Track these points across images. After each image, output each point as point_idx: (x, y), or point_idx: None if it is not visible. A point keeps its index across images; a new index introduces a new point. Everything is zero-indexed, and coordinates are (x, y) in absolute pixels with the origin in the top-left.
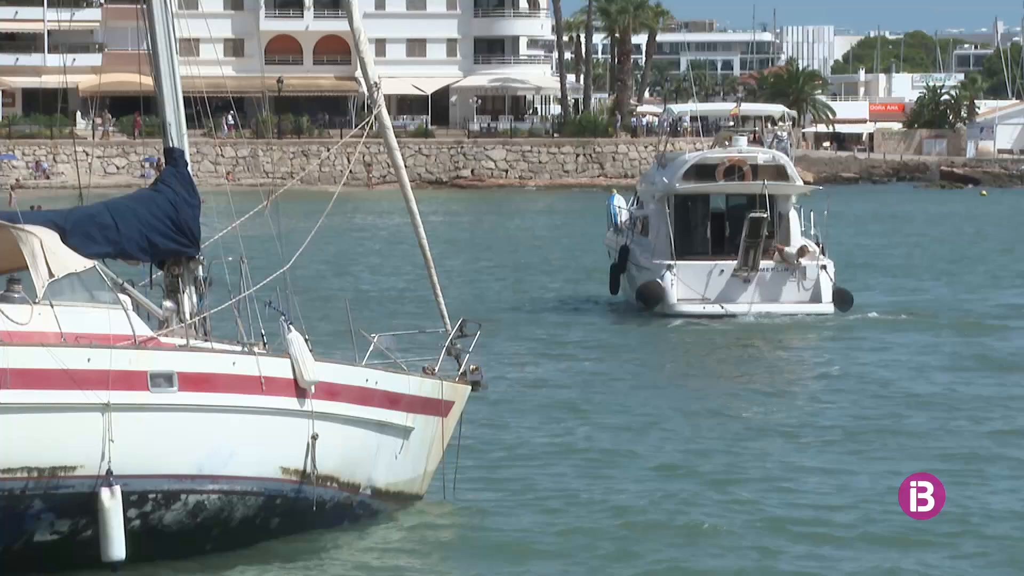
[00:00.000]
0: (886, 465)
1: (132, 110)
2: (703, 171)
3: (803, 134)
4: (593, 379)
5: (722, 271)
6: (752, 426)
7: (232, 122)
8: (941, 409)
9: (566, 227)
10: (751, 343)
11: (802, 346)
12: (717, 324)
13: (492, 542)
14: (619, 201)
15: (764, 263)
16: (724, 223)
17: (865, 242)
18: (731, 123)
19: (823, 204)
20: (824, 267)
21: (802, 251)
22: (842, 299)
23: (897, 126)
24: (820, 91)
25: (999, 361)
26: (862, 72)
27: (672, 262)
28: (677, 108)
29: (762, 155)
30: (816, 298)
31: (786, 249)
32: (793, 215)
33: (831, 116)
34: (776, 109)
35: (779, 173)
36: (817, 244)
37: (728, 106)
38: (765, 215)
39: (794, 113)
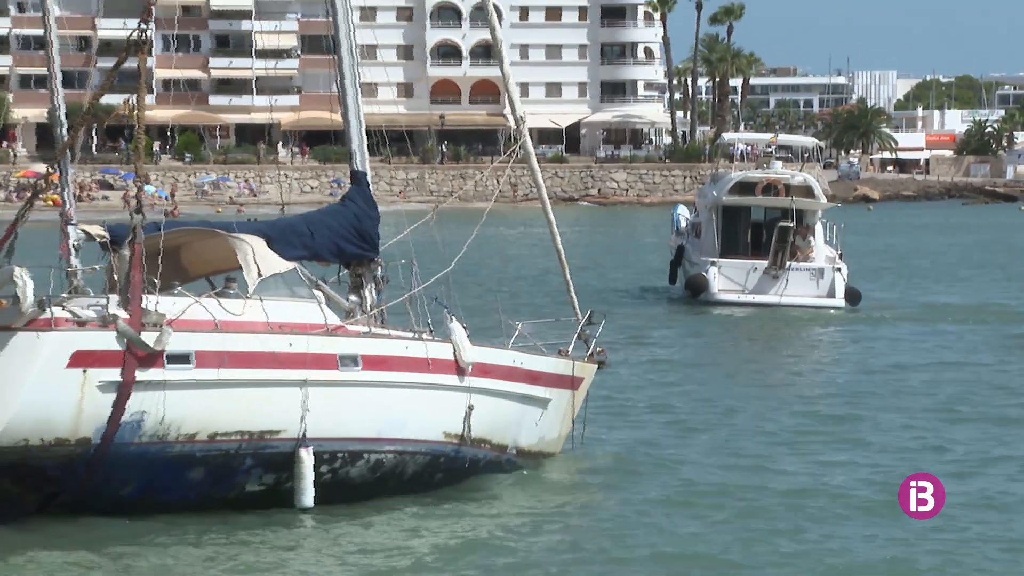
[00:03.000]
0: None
1: (323, 141)
2: (745, 187)
3: (871, 160)
4: (646, 356)
5: (756, 268)
6: (768, 405)
7: (445, 151)
8: (934, 388)
9: (665, 236)
10: (775, 328)
11: (817, 333)
12: (750, 311)
13: (616, 483)
14: (682, 211)
15: (789, 263)
16: (762, 230)
17: (908, 247)
18: (770, 149)
19: (846, 217)
20: (839, 269)
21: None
22: (852, 296)
23: (949, 153)
24: (885, 125)
25: (994, 349)
26: (920, 109)
27: (715, 259)
28: (728, 136)
29: (795, 176)
30: (831, 294)
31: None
32: (819, 227)
33: (894, 145)
34: (808, 141)
35: (807, 192)
36: (836, 251)
37: (769, 135)
38: (791, 224)
39: (823, 144)
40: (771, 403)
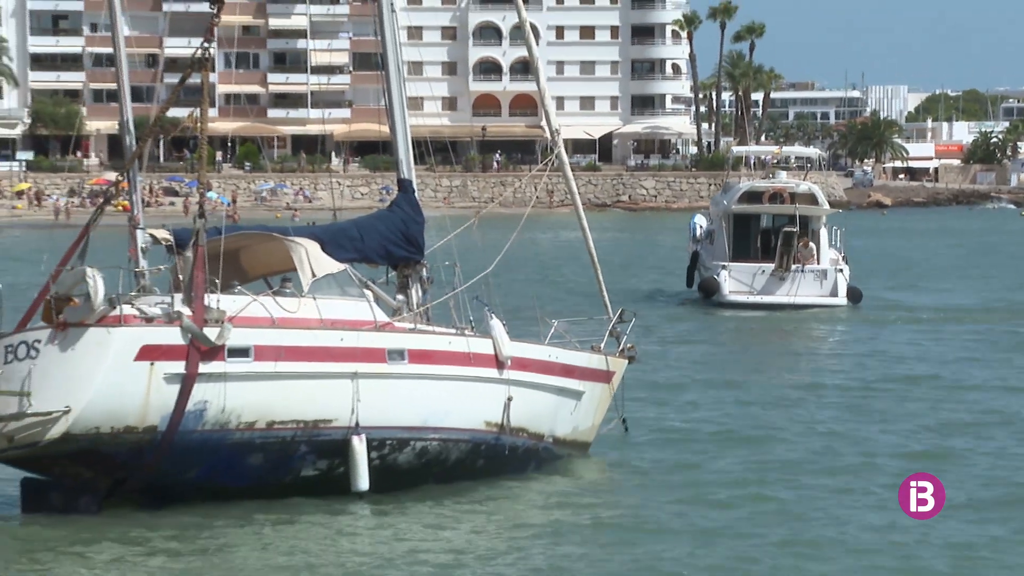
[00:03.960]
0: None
1: (372, 151)
2: (753, 196)
3: (883, 168)
4: (659, 351)
5: (763, 271)
6: (777, 394)
7: (499, 159)
8: (928, 383)
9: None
10: (781, 326)
11: (820, 330)
12: (758, 311)
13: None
14: (699, 219)
15: (795, 266)
16: (770, 236)
17: (913, 248)
18: (775, 160)
19: (860, 221)
20: (841, 270)
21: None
22: (854, 295)
23: (956, 162)
24: (896, 135)
25: (992, 347)
26: (929, 121)
27: (726, 263)
28: (736, 148)
29: (800, 185)
30: (834, 293)
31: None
32: (824, 232)
33: (905, 155)
34: (812, 152)
35: (811, 200)
36: (840, 253)
37: (774, 148)
38: (795, 230)
39: (825, 155)
40: (772, 400)
